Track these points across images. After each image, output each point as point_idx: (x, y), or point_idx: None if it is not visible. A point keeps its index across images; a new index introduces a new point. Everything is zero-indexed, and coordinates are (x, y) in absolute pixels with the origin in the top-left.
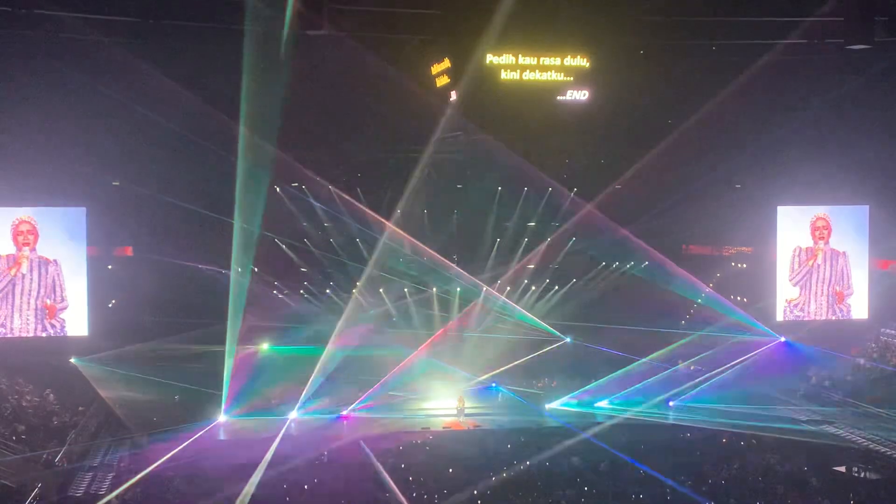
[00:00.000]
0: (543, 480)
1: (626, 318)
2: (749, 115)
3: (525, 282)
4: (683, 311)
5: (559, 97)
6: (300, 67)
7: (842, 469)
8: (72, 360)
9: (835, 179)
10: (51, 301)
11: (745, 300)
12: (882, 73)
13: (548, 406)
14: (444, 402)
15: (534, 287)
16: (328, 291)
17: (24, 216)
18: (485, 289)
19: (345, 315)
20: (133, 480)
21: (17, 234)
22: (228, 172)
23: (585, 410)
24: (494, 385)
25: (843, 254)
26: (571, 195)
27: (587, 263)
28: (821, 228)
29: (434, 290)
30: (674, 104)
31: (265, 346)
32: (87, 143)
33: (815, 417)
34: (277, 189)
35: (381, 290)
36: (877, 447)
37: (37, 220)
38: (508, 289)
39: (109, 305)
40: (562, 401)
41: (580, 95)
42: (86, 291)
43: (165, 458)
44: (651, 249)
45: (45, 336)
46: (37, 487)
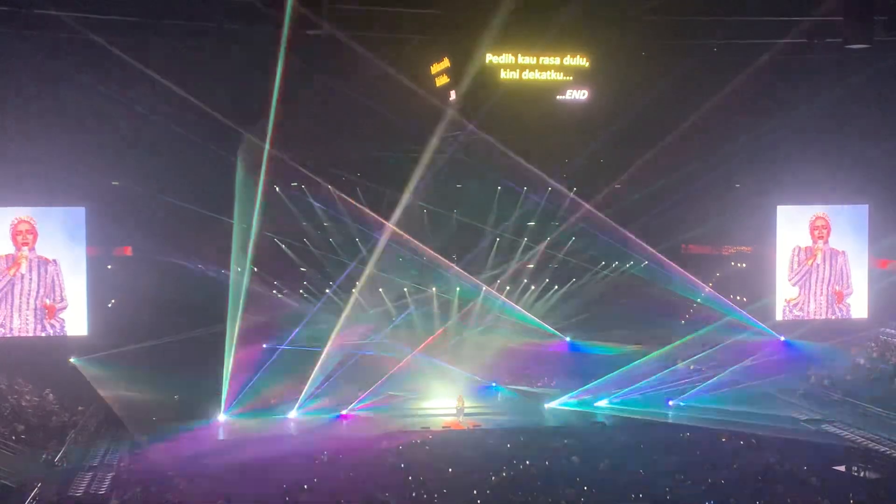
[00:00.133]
0: (543, 480)
1: (626, 318)
2: (748, 115)
3: (525, 281)
4: (683, 311)
5: (559, 97)
6: (300, 67)
7: (841, 468)
8: (71, 360)
9: (834, 179)
10: (50, 301)
11: (745, 299)
12: (881, 73)
13: (547, 405)
14: (444, 402)
15: (533, 286)
16: (328, 291)
17: (24, 216)
18: (484, 288)
19: (344, 314)
20: (133, 480)
21: (17, 234)
22: (228, 172)
23: (585, 410)
24: (494, 385)
25: (843, 253)
26: (571, 195)
27: (587, 263)
28: (820, 228)
29: (433, 290)
30: (673, 104)
31: (265, 346)
32: (87, 143)
33: (815, 417)
34: (277, 189)
35: (381, 290)
36: (876, 446)
37: (36, 220)
38: (508, 288)
39: (109, 305)
40: (561, 400)
41: (580, 95)
42: (85, 291)
43: (165, 459)
44: (650, 249)
45: (45, 336)
46: (36, 487)
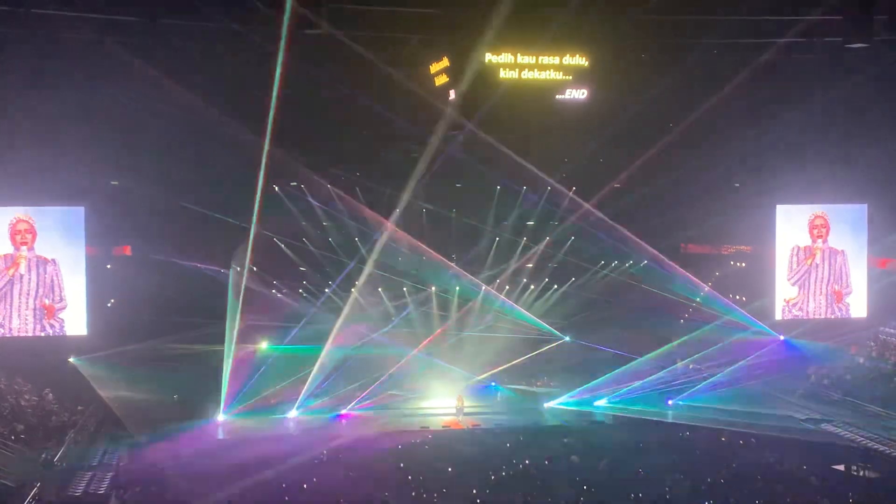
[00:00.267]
0: (543, 479)
1: (625, 317)
2: (748, 114)
3: (524, 280)
4: (682, 310)
5: (558, 96)
6: (299, 66)
7: (841, 467)
8: (70, 360)
9: (834, 178)
10: (49, 301)
11: (744, 299)
12: (881, 72)
13: (547, 405)
14: (444, 401)
15: (532, 286)
16: (327, 291)
17: (22, 215)
18: (483, 288)
19: (343, 314)
20: (132, 480)
21: (15, 234)
22: (227, 172)
23: (584, 409)
24: (493, 384)
25: (842, 252)
26: (570, 194)
27: (586, 262)
28: (819, 227)
29: (433, 290)
30: (673, 103)
31: (264, 346)
32: (86, 143)
33: (815, 416)
34: (276, 188)
35: (380, 290)
36: (876, 445)
37: (35, 220)
38: (507, 288)
39: (108, 305)
40: (561, 399)
41: (579, 94)
42: (84, 291)
43: (165, 458)
44: (650, 248)
45: (44, 336)
46: (35, 487)
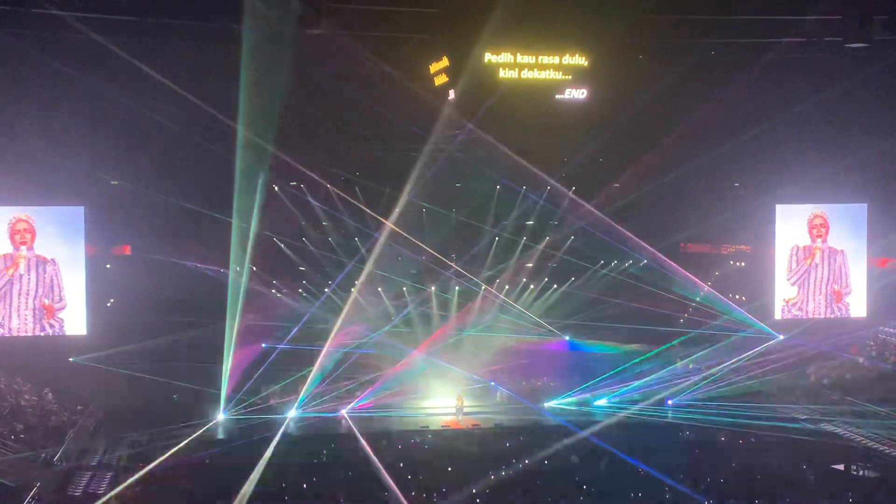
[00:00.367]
0: (542, 479)
1: (625, 317)
2: (747, 114)
3: (523, 280)
4: (682, 310)
5: (558, 96)
6: (298, 66)
7: (840, 467)
8: (70, 360)
9: (833, 178)
10: (49, 301)
11: (744, 298)
12: (881, 72)
13: (546, 404)
14: (443, 401)
15: (532, 286)
16: (326, 290)
17: (22, 215)
18: (483, 287)
19: (343, 314)
20: (132, 480)
21: (15, 234)
22: (227, 172)
23: (584, 409)
24: (493, 384)
25: (842, 252)
26: (570, 194)
27: (586, 262)
28: (818, 227)
29: (432, 289)
30: (673, 103)
31: (264, 346)
32: (86, 142)
33: (814, 416)
34: (276, 188)
35: (380, 289)
36: (876, 445)
37: (34, 219)
38: (507, 287)
39: (108, 305)
40: (560, 399)
41: (579, 94)
42: (84, 291)
43: (165, 458)
44: (649, 248)
45: (44, 335)
46: (35, 487)
